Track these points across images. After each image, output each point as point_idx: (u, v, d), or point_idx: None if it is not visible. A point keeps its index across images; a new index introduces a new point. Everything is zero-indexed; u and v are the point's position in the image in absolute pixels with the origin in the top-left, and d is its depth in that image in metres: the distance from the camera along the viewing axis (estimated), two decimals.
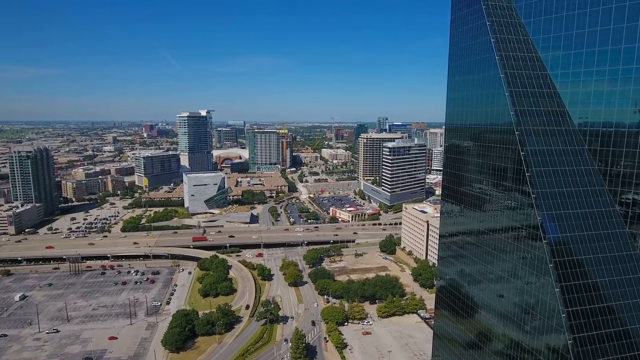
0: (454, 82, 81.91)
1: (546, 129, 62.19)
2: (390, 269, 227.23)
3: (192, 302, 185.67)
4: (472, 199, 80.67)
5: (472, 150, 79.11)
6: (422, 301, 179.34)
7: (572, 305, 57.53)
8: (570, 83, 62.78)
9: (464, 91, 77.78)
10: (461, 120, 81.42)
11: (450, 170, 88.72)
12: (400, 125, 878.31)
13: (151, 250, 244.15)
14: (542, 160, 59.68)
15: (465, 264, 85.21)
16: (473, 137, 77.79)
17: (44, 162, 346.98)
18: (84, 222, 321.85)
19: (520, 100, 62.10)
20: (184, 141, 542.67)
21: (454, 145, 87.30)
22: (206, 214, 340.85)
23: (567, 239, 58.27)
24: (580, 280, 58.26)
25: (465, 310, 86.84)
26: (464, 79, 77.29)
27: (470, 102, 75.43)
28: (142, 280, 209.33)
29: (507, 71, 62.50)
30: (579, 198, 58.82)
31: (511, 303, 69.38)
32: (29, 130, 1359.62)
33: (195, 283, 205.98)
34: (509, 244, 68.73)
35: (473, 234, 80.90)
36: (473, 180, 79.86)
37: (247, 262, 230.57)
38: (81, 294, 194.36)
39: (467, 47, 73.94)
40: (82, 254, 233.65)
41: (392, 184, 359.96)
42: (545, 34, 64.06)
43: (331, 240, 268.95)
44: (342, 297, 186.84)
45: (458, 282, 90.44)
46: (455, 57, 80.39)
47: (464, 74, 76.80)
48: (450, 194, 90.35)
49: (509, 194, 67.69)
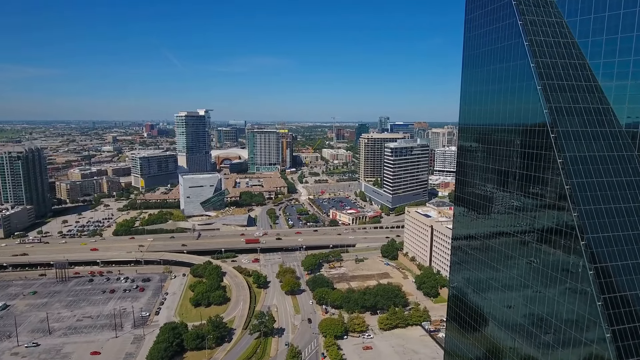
0: (469, 75, 70.59)
1: (587, 130, 51.32)
2: (392, 276, 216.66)
3: (182, 313, 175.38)
4: (489, 205, 69.95)
5: (491, 155, 67.85)
6: (426, 312, 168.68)
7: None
8: (615, 75, 51.86)
9: (482, 85, 66.57)
10: (478, 120, 70.38)
11: (463, 178, 77.89)
12: (402, 125, 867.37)
13: (142, 256, 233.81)
14: (584, 169, 48.83)
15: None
16: (493, 139, 66.68)
17: (35, 162, 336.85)
18: (76, 224, 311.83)
19: (555, 95, 51.19)
20: (181, 141, 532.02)
21: (469, 148, 76.15)
22: (202, 216, 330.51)
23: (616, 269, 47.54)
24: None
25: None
26: (482, 70, 66.06)
27: (490, 98, 64.22)
28: (131, 288, 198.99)
29: (538, 60, 51.46)
30: (630, 217, 48.05)
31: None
32: (30, 130, 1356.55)
33: (187, 291, 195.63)
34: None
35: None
36: (491, 187, 69.12)
37: (242, 269, 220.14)
38: (66, 303, 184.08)
39: (487, 33, 62.63)
40: (70, 259, 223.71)
41: (394, 186, 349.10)
42: (584, 15, 53.12)
43: (331, 245, 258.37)
44: (341, 307, 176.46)
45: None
46: (472, 45, 68.86)
47: (483, 65, 65.63)
48: (464, 197, 79.36)
49: (536, 202, 56.92)
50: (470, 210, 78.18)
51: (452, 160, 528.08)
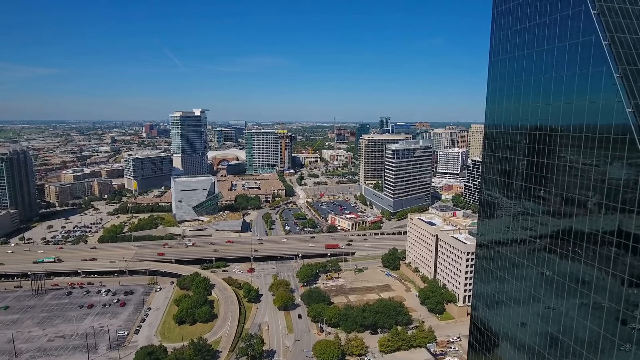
0: (499, 64, 54.30)
1: None
2: (393, 288, 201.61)
3: (164, 332, 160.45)
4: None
5: (538, 168, 52.36)
6: (431, 332, 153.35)
7: None
8: None
9: (519, 77, 50.78)
10: (514, 120, 54.15)
11: (492, 192, 62.60)
12: (403, 125, 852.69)
13: (127, 266, 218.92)
14: None
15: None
16: (538, 148, 50.82)
17: (21, 164, 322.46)
18: (62, 230, 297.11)
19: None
20: (176, 142, 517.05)
21: (499, 158, 60.44)
22: (194, 221, 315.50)
23: None
24: None
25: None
26: (518, 57, 50.19)
27: (534, 91, 48.34)
28: (111, 303, 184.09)
29: (613, 35, 35.97)
30: None
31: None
32: (30, 130, 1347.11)
33: (171, 306, 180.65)
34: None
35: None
36: (527, 201, 53.87)
37: (233, 280, 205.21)
38: (39, 320, 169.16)
39: (528, 3, 46.78)
40: (48, 269, 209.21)
41: (395, 189, 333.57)
42: None
43: (328, 253, 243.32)
44: (338, 325, 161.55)
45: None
46: (504, 22, 51.72)
47: (522, 47, 49.34)
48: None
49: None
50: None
51: (455, 162, 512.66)
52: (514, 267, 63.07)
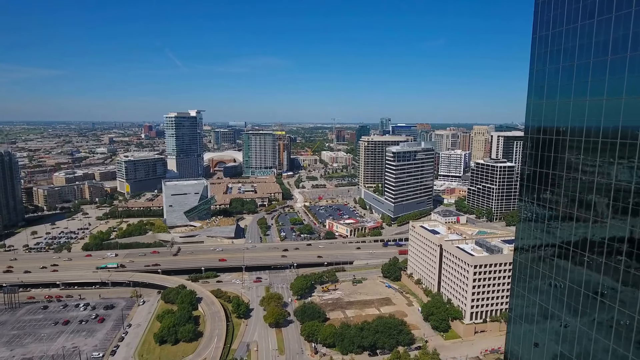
0: (547, 43, 40.18)
1: None
2: (394, 302, 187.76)
3: (143, 353, 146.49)
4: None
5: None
6: (436, 355, 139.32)
7: None
8: None
9: (576, 59, 36.80)
10: (570, 121, 41.24)
11: (539, 203, 49.05)
12: (403, 126, 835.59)
13: (109, 276, 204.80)
14: None
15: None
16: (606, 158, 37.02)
17: (5, 166, 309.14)
18: (47, 236, 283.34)
19: None
20: (171, 143, 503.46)
21: (548, 164, 47.25)
22: (186, 227, 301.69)
23: None
24: None
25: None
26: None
27: (600, 84, 34.64)
28: (89, 319, 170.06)
29: None
30: None
31: None
32: (29, 131, 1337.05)
33: (154, 322, 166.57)
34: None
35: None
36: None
37: (222, 292, 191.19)
38: (8, 338, 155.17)
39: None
40: (25, 280, 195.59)
41: (396, 193, 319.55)
42: None
43: (325, 262, 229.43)
44: (334, 345, 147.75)
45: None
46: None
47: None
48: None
49: None
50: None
51: (457, 164, 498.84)
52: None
